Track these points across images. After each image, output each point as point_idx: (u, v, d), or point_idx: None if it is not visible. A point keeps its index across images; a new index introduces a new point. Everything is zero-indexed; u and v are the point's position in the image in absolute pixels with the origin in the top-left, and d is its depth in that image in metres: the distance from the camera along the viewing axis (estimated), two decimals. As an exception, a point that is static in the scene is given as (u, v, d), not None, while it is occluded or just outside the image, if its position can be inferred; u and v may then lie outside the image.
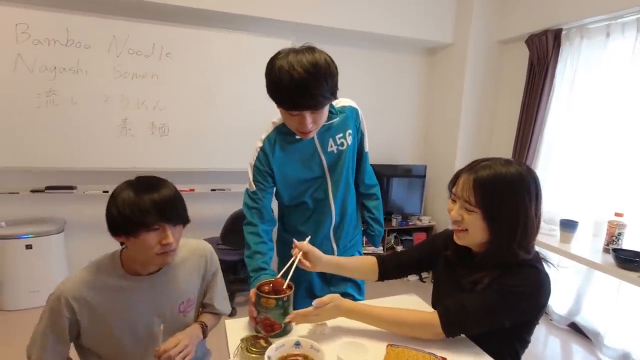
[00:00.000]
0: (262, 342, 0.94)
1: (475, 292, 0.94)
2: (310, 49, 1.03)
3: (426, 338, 0.98)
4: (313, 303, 0.98)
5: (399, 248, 3.39)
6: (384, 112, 3.49)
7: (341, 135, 1.25)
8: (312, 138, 1.21)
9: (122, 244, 1.00)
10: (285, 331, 1.01)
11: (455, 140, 3.26)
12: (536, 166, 2.80)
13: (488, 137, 3.31)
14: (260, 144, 1.24)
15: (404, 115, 3.59)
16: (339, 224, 1.36)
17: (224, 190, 2.94)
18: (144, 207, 0.91)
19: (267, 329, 0.97)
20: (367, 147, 1.40)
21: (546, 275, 0.94)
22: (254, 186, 1.24)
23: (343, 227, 1.37)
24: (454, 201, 0.98)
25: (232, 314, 2.64)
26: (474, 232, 0.95)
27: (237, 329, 1.05)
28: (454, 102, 3.28)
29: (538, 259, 0.96)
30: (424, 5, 3.09)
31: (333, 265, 1.14)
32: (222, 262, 2.76)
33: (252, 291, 1.03)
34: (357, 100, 1.37)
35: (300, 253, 1.06)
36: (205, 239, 2.79)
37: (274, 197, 1.31)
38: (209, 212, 3.00)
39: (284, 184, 1.27)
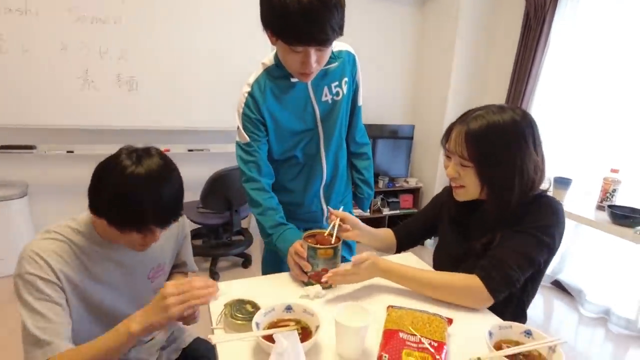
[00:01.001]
0: (248, 307, 0.84)
1: (504, 245, 0.88)
2: None
3: (472, 305, 0.89)
4: (351, 259, 0.93)
5: (386, 210, 3.33)
6: (371, 67, 3.28)
7: (337, 83, 1.14)
8: (306, 85, 1.10)
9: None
10: None
11: (444, 100, 3.13)
12: (528, 125, 2.72)
13: (479, 96, 3.19)
14: (248, 89, 1.10)
15: (392, 72, 3.41)
16: (330, 182, 1.26)
17: (202, 150, 2.75)
18: (143, 210, 0.78)
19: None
20: (360, 100, 1.29)
21: (558, 202, 0.91)
22: (246, 137, 1.11)
23: (334, 185, 1.28)
24: (448, 157, 0.93)
25: (216, 279, 2.55)
26: (471, 187, 0.91)
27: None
28: (444, 58, 3.11)
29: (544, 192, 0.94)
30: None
31: (366, 233, 1.09)
32: (203, 226, 2.68)
33: (297, 245, 1.00)
34: None
35: (338, 219, 1.01)
36: (184, 203, 2.67)
37: None
38: (187, 174, 2.72)
39: (276, 135, 1.14)
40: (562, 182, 2.01)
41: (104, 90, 2.31)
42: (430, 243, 3.13)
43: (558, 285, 2.64)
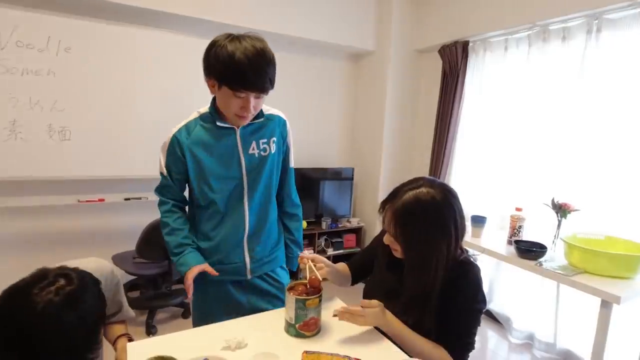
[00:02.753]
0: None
1: (457, 316, 0.99)
2: (251, 37, 1.07)
3: None
4: (360, 304, 1.01)
5: (330, 250, 3.41)
6: (312, 116, 3.51)
7: (265, 140, 1.25)
8: (235, 135, 1.20)
9: None
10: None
11: (380, 143, 3.38)
12: (452, 165, 3.02)
13: (410, 140, 3.49)
14: (175, 130, 1.23)
15: (332, 120, 3.65)
16: (253, 233, 1.28)
17: (139, 199, 2.70)
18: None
19: (312, 327, 1.03)
20: (292, 162, 1.39)
21: (476, 266, 1.04)
22: (164, 169, 1.23)
23: (259, 238, 1.30)
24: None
25: (152, 332, 2.43)
26: (401, 254, 1.04)
27: (144, 350, 0.93)
28: (378, 107, 3.41)
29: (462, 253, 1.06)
30: (346, 13, 3.18)
31: (333, 269, 1.19)
32: (140, 276, 2.58)
33: (195, 271, 1.16)
34: (284, 105, 1.39)
35: (309, 261, 1.11)
36: (119, 254, 2.57)
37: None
38: (122, 223, 2.74)
39: (196, 175, 1.22)
40: (478, 220, 2.23)
41: (33, 141, 2.24)
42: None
43: (489, 315, 2.83)
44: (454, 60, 2.91)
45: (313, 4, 3.01)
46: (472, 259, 1.06)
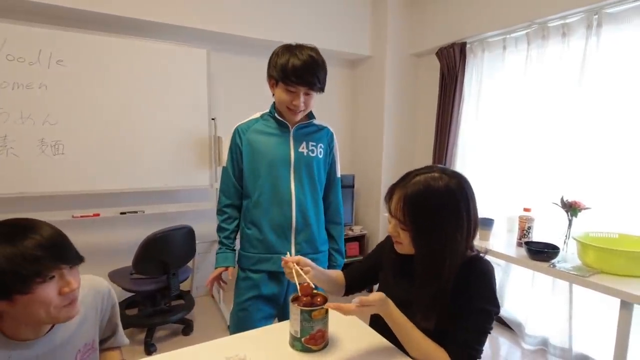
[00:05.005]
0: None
1: (464, 326, 0.91)
2: (305, 46, 1.29)
3: None
4: (354, 300, 0.91)
5: (333, 260, 3.32)
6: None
7: (314, 143, 1.41)
8: (289, 132, 1.37)
9: None
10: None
11: (380, 150, 3.33)
12: (455, 169, 2.95)
13: (410, 145, 3.44)
14: (237, 124, 1.41)
15: (331, 126, 3.58)
16: (301, 229, 1.38)
17: (136, 212, 2.62)
18: (31, 254, 0.73)
19: (320, 341, 0.96)
20: (339, 172, 1.54)
21: (489, 264, 0.96)
22: (225, 162, 1.42)
23: (307, 234, 1.39)
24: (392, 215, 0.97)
25: (152, 351, 2.34)
26: (407, 246, 0.96)
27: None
28: (376, 113, 3.36)
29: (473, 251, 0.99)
30: (342, 19, 3.17)
31: (320, 274, 1.11)
32: (137, 293, 2.50)
33: (217, 273, 1.41)
34: None
35: (294, 264, 1.03)
36: (115, 270, 2.49)
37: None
38: (118, 239, 2.66)
39: (250, 160, 1.36)
40: (486, 223, 2.16)
41: (25, 156, 2.18)
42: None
43: (500, 321, 2.73)
44: (451, 62, 2.88)
45: (308, 10, 3.00)
46: (483, 256, 0.98)
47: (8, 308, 0.74)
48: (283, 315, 1.43)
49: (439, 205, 0.90)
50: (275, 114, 1.36)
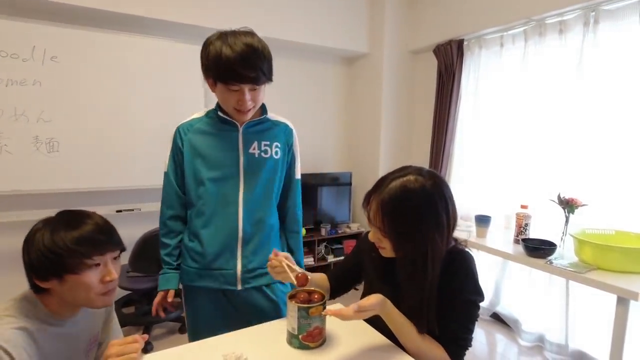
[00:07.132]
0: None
1: (452, 317, 0.92)
2: (241, 32, 1.08)
3: None
4: (353, 307, 0.89)
5: (330, 257, 3.32)
6: (307, 121, 3.45)
7: (267, 143, 1.22)
8: (237, 132, 1.19)
9: (40, 289, 0.85)
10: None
11: (377, 147, 3.33)
12: (451, 166, 2.96)
13: (407, 142, 3.44)
14: (179, 124, 1.24)
15: (328, 124, 3.59)
16: (249, 240, 1.20)
17: (132, 210, 2.61)
18: (90, 236, 0.85)
19: (317, 338, 0.95)
20: (298, 173, 1.33)
21: (469, 254, 0.97)
22: (167, 165, 1.25)
23: (257, 246, 1.21)
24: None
25: (148, 349, 2.33)
26: (391, 251, 0.94)
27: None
28: (374, 110, 3.36)
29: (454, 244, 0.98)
30: (338, 16, 3.15)
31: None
32: (134, 291, 2.48)
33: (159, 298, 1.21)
34: (278, 110, 1.32)
35: (284, 259, 1.02)
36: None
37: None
38: None
39: (190, 161, 1.20)
40: (483, 220, 2.17)
41: (18, 153, 2.16)
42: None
43: (496, 318, 2.74)
44: (449, 60, 2.88)
45: (304, 7, 2.98)
46: (462, 248, 0.97)
47: (57, 286, 0.83)
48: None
49: (417, 209, 0.88)
50: (219, 113, 1.19)
